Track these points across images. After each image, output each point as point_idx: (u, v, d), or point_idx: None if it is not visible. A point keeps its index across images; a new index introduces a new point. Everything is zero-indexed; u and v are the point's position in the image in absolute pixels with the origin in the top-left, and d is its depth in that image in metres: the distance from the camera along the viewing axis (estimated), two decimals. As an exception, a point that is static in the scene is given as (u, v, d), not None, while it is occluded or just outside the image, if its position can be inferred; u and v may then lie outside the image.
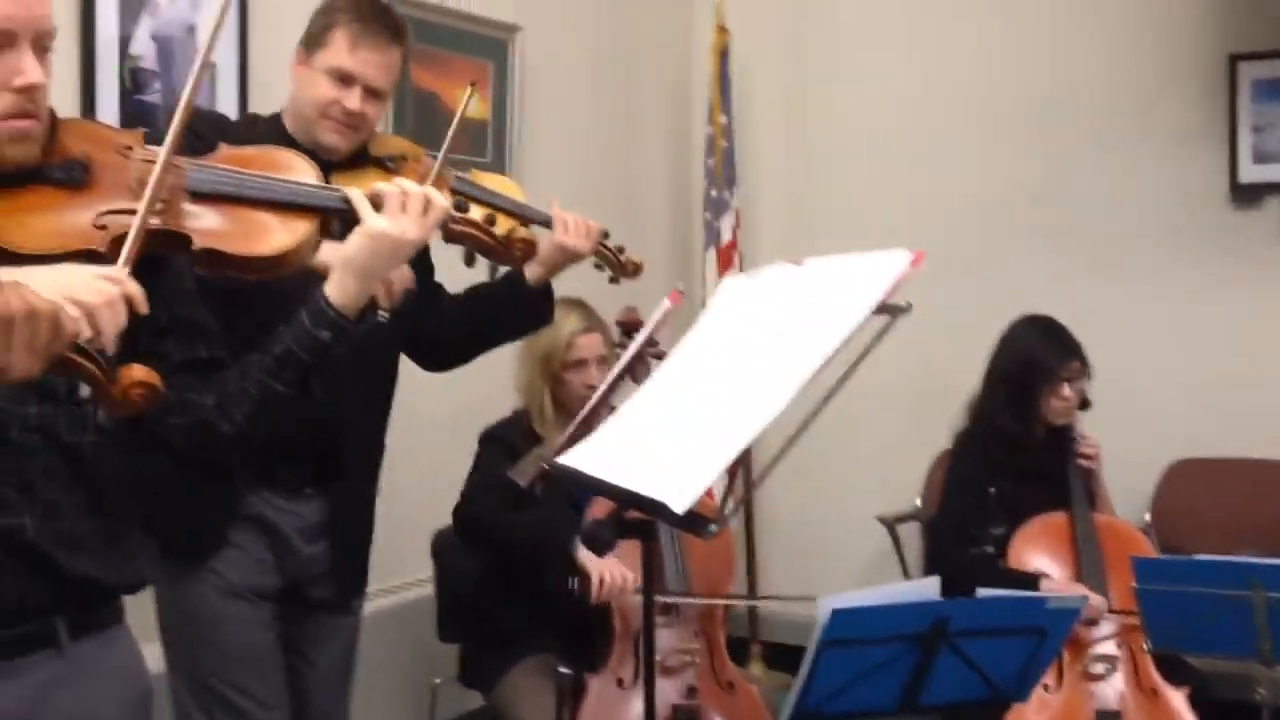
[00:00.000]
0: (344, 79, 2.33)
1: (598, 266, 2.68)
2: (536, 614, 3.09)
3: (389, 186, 1.75)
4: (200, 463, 1.80)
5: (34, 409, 1.56)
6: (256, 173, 1.76)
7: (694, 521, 1.50)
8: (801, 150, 4.86)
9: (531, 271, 2.53)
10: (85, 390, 1.38)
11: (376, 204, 1.73)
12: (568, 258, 2.55)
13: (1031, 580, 3.15)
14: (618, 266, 2.71)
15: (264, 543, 2.39)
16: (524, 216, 2.49)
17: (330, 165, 2.42)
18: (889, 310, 1.53)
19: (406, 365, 2.66)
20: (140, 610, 1.79)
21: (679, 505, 1.45)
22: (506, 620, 3.13)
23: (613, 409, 2.59)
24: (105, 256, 1.56)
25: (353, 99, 2.34)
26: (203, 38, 2.92)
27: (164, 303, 1.61)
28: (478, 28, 3.98)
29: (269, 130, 2.36)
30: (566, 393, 3.20)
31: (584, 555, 2.92)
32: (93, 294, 1.39)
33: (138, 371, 1.36)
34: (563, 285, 2.69)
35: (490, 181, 2.76)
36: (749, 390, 1.60)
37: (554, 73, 4.30)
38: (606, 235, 2.63)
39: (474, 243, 1.85)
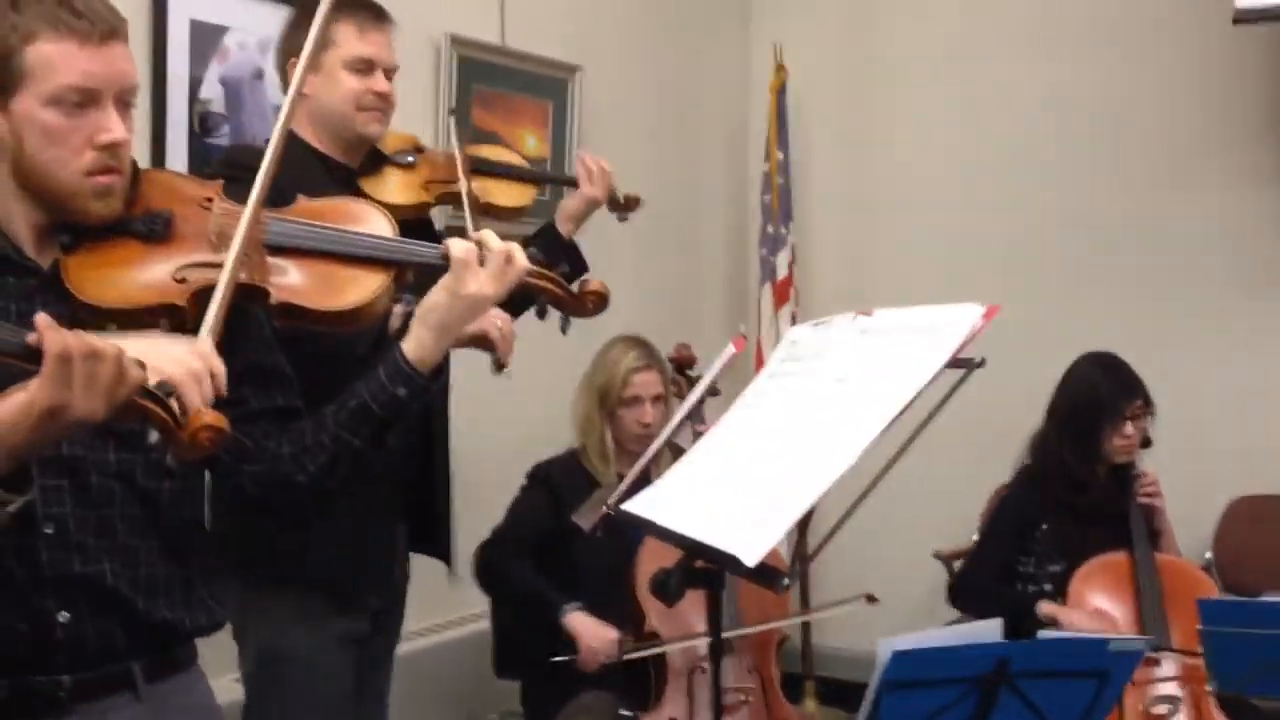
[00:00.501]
0: (365, 66, 2.38)
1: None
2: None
3: (468, 243, 1.76)
4: (273, 510, 1.82)
5: (112, 455, 1.59)
6: (334, 226, 1.78)
7: (765, 574, 1.50)
8: (858, 186, 4.87)
9: (563, 227, 2.73)
10: (154, 435, 1.41)
11: (456, 260, 1.74)
12: (592, 207, 2.79)
13: (1027, 600, 3.21)
14: (619, 205, 2.95)
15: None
16: (549, 178, 2.67)
17: (351, 174, 2.45)
18: (962, 364, 1.53)
19: (467, 396, 2.68)
20: (212, 649, 1.81)
21: (750, 559, 1.45)
22: (565, 650, 3.15)
23: (674, 448, 2.62)
24: (185, 311, 1.60)
25: (380, 82, 2.41)
26: (271, 84, 3.00)
27: (242, 350, 1.64)
28: (538, 68, 4.03)
29: (299, 160, 2.32)
30: (621, 429, 3.22)
31: (571, 623, 2.98)
32: (178, 368, 1.41)
33: (207, 416, 1.38)
34: (622, 323, 2.72)
35: (494, 153, 2.85)
36: (819, 443, 1.60)
37: (612, 111, 4.34)
38: None
39: (548, 296, 1.87)
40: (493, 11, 3.88)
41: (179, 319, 1.60)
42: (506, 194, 2.77)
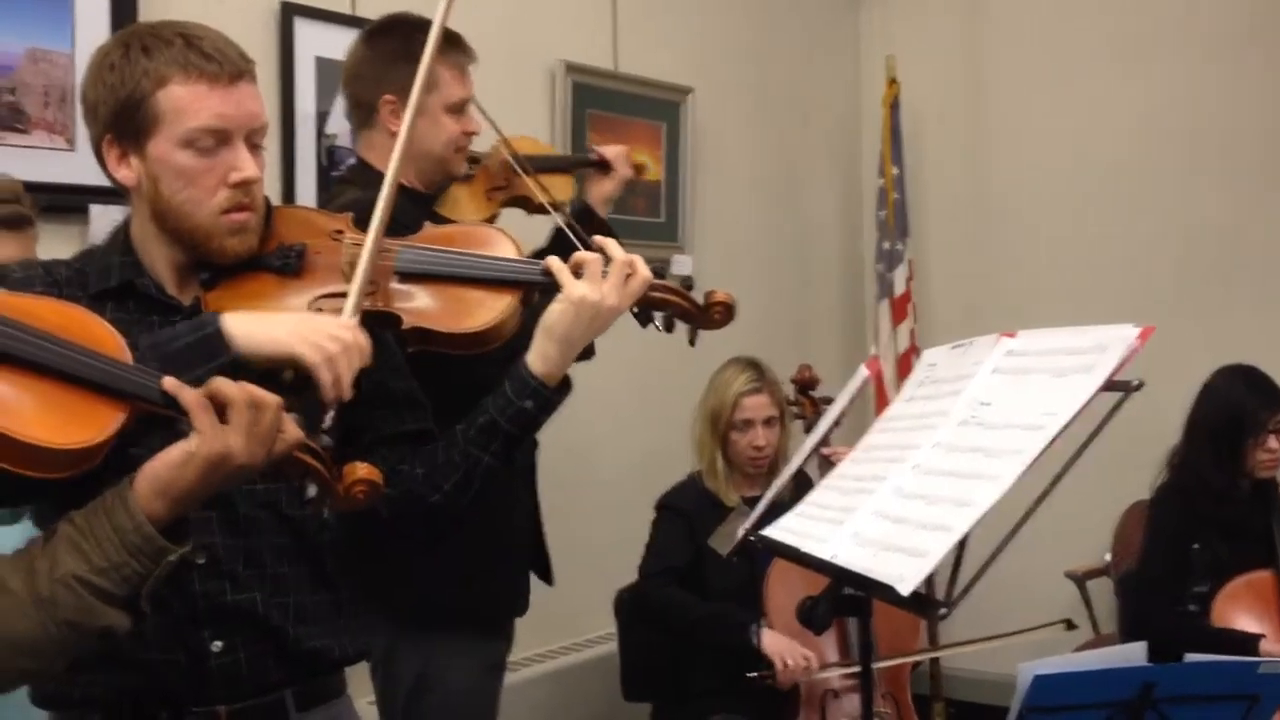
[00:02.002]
0: (460, 108, 2.39)
1: None
2: (724, 672, 3.08)
3: (590, 254, 1.76)
4: (406, 531, 1.83)
5: (259, 485, 1.60)
6: (460, 251, 1.80)
7: (921, 603, 1.47)
8: (975, 199, 4.79)
9: (600, 210, 2.77)
10: (311, 490, 1.43)
11: (577, 272, 1.75)
12: (623, 187, 2.86)
13: (1249, 641, 3.02)
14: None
15: None
16: (579, 162, 2.82)
17: (429, 198, 2.47)
18: (1118, 387, 1.49)
19: (584, 418, 2.68)
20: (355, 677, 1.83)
21: (906, 587, 1.42)
22: (694, 679, 3.13)
23: (801, 473, 2.59)
24: None
25: (471, 121, 2.43)
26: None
27: (373, 376, 1.66)
28: (651, 91, 4.04)
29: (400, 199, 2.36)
30: (734, 452, 3.20)
31: (765, 642, 2.94)
32: (330, 340, 1.49)
33: (361, 470, 1.41)
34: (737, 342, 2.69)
35: (532, 147, 2.85)
36: (970, 469, 1.56)
37: (725, 132, 4.34)
38: None
39: (673, 308, 1.86)
40: (606, 37, 3.90)
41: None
42: (556, 187, 2.76)
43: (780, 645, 2.91)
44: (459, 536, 2.09)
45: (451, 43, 2.38)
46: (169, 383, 1.30)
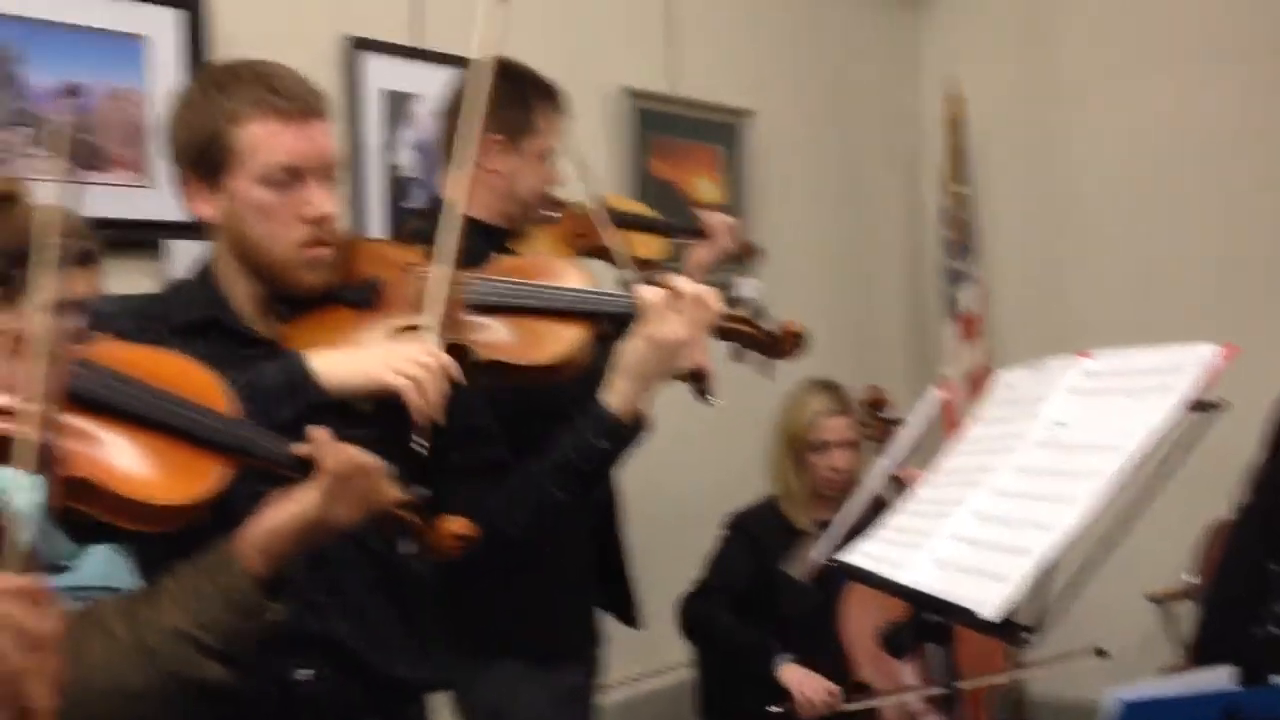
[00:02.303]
0: (549, 155, 2.41)
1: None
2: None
3: (660, 289, 1.76)
4: (479, 563, 1.84)
5: None
6: (532, 282, 1.81)
7: (1006, 629, 1.45)
8: (1043, 216, 4.73)
9: (695, 278, 2.69)
10: (406, 545, 1.44)
11: (652, 307, 1.74)
12: (721, 258, 2.85)
13: None
14: (742, 254, 3.01)
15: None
16: (678, 229, 2.78)
17: (505, 234, 2.47)
18: (1202, 408, 1.46)
19: (652, 442, 2.68)
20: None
21: (990, 613, 1.40)
22: (774, 700, 3.11)
23: (877, 498, 2.57)
24: None
25: (556, 171, 2.43)
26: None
27: (449, 409, 1.67)
28: (710, 114, 4.04)
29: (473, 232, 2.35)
30: (812, 475, 3.18)
31: (785, 675, 2.92)
32: (416, 366, 1.53)
33: (455, 524, 1.44)
34: (802, 364, 2.68)
35: (627, 205, 2.86)
36: (1051, 493, 1.54)
37: (785, 154, 4.33)
38: None
39: (745, 339, 1.85)
40: (664, 61, 3.91)
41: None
42: (646, 246, 2.78)
43: (800, 679, 2.91)
44: (523, 568, 2.09)
45: (551, 93, 2.43)
46: (304, 449, 1.32)
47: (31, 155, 2.44)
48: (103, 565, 1.85)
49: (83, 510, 1.17)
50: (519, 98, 2.37)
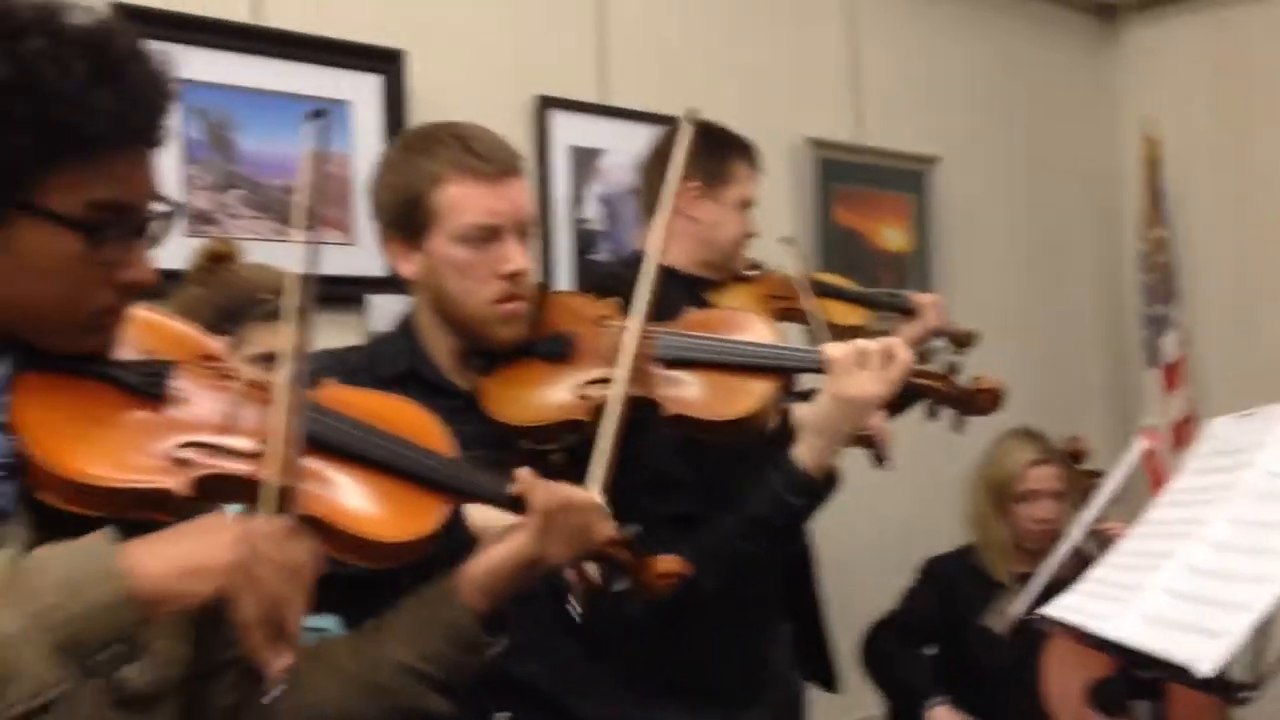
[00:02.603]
0: (746, 206, 2.42)
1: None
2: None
3: (848, 346, 1.75)
4: (667, 614, 1.83)
5: None
6: (721, 336, 1.81)
7: (1224, 686, 1.38)
8: (1249, 258, 4.51)
9: None
10: (619, 583, 1.45)
11: (842, 364, 1.73)
12: (929, 336, 2.76)
13: None
14: (958, 338, 2.91)
15: None
16: (885, 304, 2.76)
17: (705, 284, 2.47)
18: None
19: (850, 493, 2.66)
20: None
21: (1208, 669, 1.33)
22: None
23: (1077, 552, 2.48)
24: (588, 425, 1.66)
25: (753, 222, 2.45)
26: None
27: (640, 458, 1.68)
28: (896, 162, 4.01)
29: (664, 279, 2.39)
30: (1018, 526, 3.09)
31: (935, 717, 2.88)
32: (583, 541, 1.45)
33: (666, 562, 1.43)
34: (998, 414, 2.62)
35: (831, 279, 2.84)
36: (1267, 543, 1.46)
37: (974, 200, 4.25)
38: None
39: (936, 395, 1.82)
40: (849, 110, 3.90)
41: (583, 434, 1.67)
42: (843, 313, 2.77)
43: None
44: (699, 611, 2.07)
45: (747, 147, 2.51)
46: (520, 488, 1.34)
47: (244, 216, 2.57)
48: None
49: None
50: (716, 147, 2.43)
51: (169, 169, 2.46)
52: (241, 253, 2.11)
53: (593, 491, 1.54)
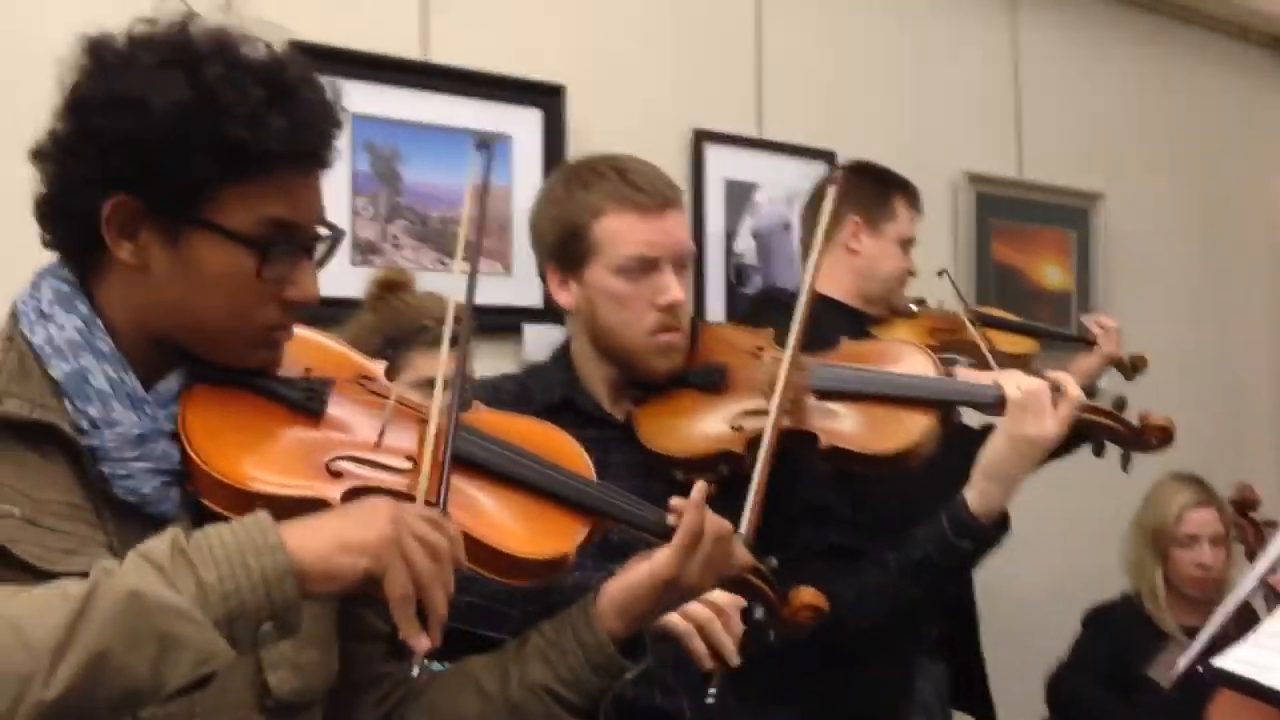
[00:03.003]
0: (906, 246, 2.40)
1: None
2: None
3: (1027, 382, 1.70)
4: (825, 648, 1.81)
5: None
6: (879, 369, 1.78)
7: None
8: None
9: None
10: (759, 612, 1.44)
11: (1013, 404, 1.68)
12: (1106, 365, 2.71)
13: None
14: (1127, 366, 2.86)
15: None
16: (1057, 335, 2.76)
17: (867, 319, 2.44)
18: None
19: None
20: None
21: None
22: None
23: (1246, 605, 2.37)
24: (742, 458, 1.65)
25: (911, 262, 2.45)
26: (797, 233, 3.11)
27: (796, 490, 1.67)
28: (1058, 198, 3.92)
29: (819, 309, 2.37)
30: (1177, 572, 2.99)
31: None
32: (701, 611, 1.49)
33: (806, 595, 1.43)
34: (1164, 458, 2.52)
35: (997, 311, 2.78)
36: None
37: (1140, 237, 4.13)
38: None
39: (1105, 431, 1.76)
40: (1009, 145, 3.83)
41: (736, 464, 1.66)
42: (1010, 343, 2.73)
43: None
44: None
45: (909, 186, 2.53)
46: (674, 516, 1.35)
47: (407, 246, 2.64)
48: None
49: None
50: (879, 184, 2.47)
51: (338, 199, 2.55)
52: (414, 281, 2.17)
53: (745, 522, 1.54)
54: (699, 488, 1.35)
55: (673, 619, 1.49)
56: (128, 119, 1.10)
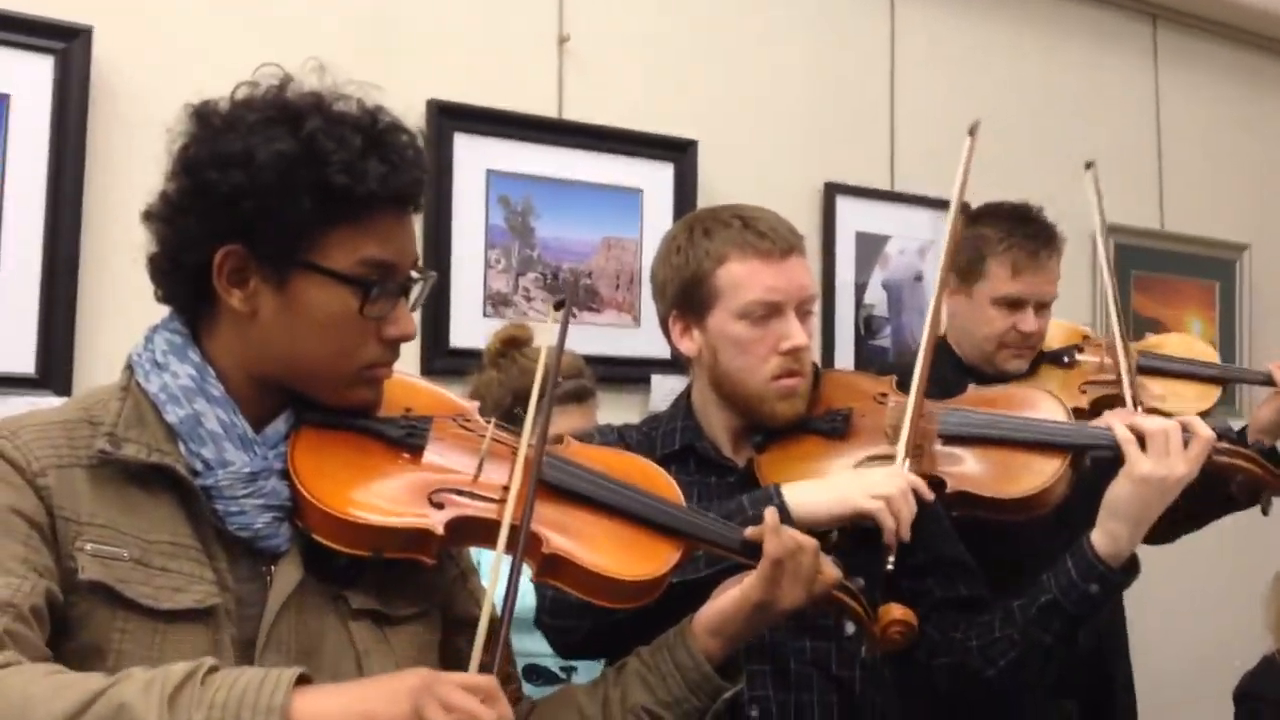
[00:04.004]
0: (1014, 304, 2.32)
1: None
2: None
3: (1152, 422, 1.67)
4: (962, 703, 1.78)
5: (808, 643, 1.66)
6: (1007, 413, 1.77)
7: None
8: None
9: (1254, 437, 2.31)
10: (849, 628, 1.45)
11: (1141, 442, 1.65)
12: None
13: None
14: None
15: None
16: (1233, 379, 2.48)
17: (976, 374, 2.36)
18: None
19: (1136, 600, 2.51)
20: None
21: None
22: None
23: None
24: None
25: (1028, 321, 2.32)
26: (929, 286, 3.09)
27: (924, 541, 1.66)
28: (1200, 249, 3.82)
29: (944, 367, 2.29)
30: None
31: None
32: (888, 486, 1.54)
33: (897, 610, 1.43)
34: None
35: (1172, 347, 2.56)
36: None
37: (1289, 290, 4.00)
38: None
39: (1246, 475, 1.71)
40: (1151, 196, 3.75)
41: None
42: (1180, 396, 2.48)
43: None
44: None
45: (1018, 236, 2.36)
46: (753, 531, 1.38)
47: (537, 298, 2.70)
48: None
49: (554, 585, 1.30)
50: (977, 242, 2.36)
51: (472, 251, 2.63)
52: (534, 337, 2.22)
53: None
54: (770, 513, 1.36)
55: (863, 500, 1.53)
56: (236, 172, 1.18)
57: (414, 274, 1.27)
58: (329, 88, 1.25)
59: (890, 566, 1.52)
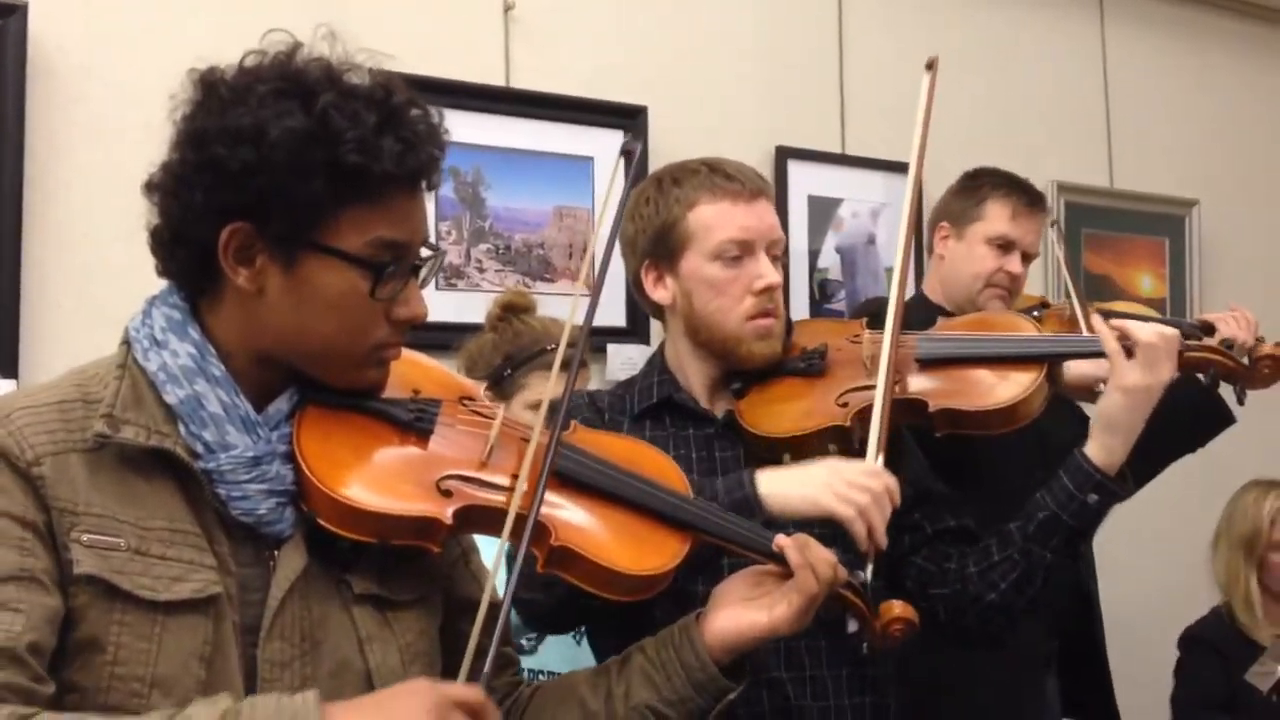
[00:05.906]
0: (1004, 246, 2.39)
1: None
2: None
3: (1140, 332, 1.68)
4: (962, 634, 1.79)
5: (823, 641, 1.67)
6: (980, 334, 1.81)
7: None
8: None
9: None
10: (852, 625, 1.45)
11: (1112, 355, 1.68)
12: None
13: None
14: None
15: None
16: (1180, 325, 2.42)
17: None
18: None
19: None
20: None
21: None
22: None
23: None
24: (850, 430, 1.66)
25: (1015, 262, 2.43)
26: (883, 248, 3.10)
27: (908, 477, 1.68)
28: (1150, 206, 3.85)
29: (918, 311, 2.35)
30: (1272, 577, 2.94)
31: None
32: (860, 492, 1.52)
33: (898, 608, 1.43)
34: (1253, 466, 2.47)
35: (1124, 308, 2.66)
36: None
37: (1235, 244, 4.04)
38: None
39: (1216, 367, 1.77)
40: (1100, 154, 3.77)
41: (845, 438, 1.68)
42: None
43: None
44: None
45: (1015, 184, 2.50)
46: (782, 540, 1.37)
47: (490, 269, 2.69)
48: (568, 649, 1.99)
49: (561, 576, 1.27)
50: (972, 190, 2.48)
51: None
52: (536, 305, 2.22)
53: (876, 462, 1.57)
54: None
55: (835, 503, 1.52)
56: (246, 149, 1.12)
57: (425, 251, 1.24)
58: (340, 57, 1.19)
59: (868, 577, 1.50)
